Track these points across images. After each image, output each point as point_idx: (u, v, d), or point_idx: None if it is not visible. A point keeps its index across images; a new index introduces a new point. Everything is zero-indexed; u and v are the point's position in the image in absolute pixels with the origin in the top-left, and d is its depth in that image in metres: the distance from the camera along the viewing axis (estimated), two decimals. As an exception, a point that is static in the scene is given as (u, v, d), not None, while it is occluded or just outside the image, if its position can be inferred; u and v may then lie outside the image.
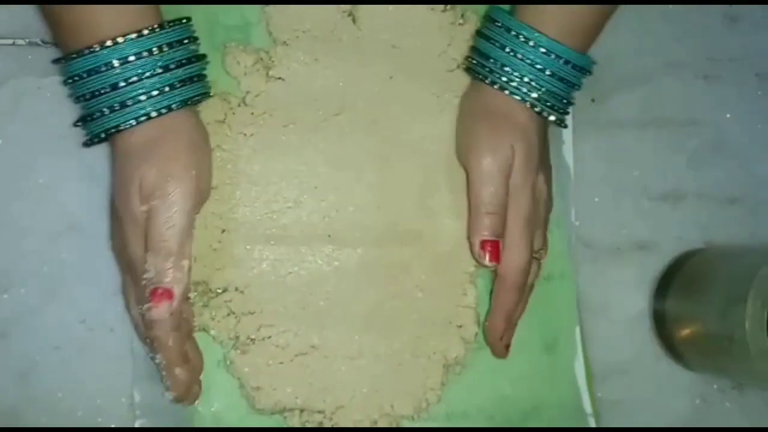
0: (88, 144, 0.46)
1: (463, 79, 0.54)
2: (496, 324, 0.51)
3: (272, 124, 0.52)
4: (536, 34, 0.48)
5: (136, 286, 0.46)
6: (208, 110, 0.51)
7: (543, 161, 0.52)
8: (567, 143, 0.57)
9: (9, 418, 0.49)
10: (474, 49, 0.52)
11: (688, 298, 0.56)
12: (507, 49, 0.49)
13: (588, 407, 0.55)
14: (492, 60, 0.50)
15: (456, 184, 0.53)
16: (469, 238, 0.51)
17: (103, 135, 0.45)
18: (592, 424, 0.55)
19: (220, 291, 0.51)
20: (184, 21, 0.47)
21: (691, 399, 0.58)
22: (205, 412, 0.50)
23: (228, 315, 0.51)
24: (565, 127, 0.53)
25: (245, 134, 0.52)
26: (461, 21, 0.54)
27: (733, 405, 0.58)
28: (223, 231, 0.51)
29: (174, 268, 0.44)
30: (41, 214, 0.50)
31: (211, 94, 0.49)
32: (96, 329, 0.50)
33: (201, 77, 0.48)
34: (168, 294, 0.44)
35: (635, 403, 0.56)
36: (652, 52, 0.60)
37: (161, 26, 0.45)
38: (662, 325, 0.57)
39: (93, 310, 0.50)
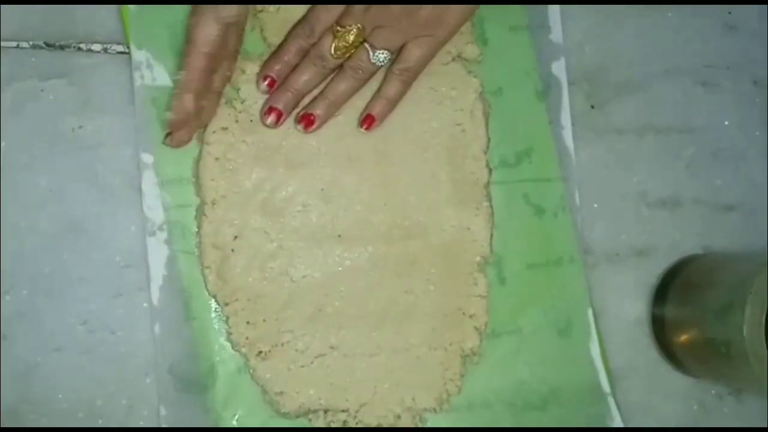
0: None
1: (459, 72, 0.54)
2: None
3: (272, 132, 0.52)
4: None
5: None
6: (215, 118, 0.51)
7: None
8: (566, 128, 0.57)
9: (10, 419, 0.49)
10: None
11: (686, 304, 0.56)
12: None
13: (606, 386, 0.55)
14: None
15: (457, 174, 0.54)
16: None
17: None
18: (611, 404, 0.55)
19: (237, 300, 0.51)
20: None
21: (688, 405, 0.58)
22: (229, 418, 0.51)
23: (247, 324, 0.51)
24: None
25: (246, 142, 0.52)
26: None
27: (731, 411, 0.58)
28: (236, 237, 0.51)
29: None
30: (43, 215, 0.50)
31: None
32: (97, 331, 0.50)
33: None
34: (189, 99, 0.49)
35: (633, 408, 0.56)
36: (650, 60, 0.60)
37: None
38: (660, 331, 0.57)
39: (94, 311, 0.50)
